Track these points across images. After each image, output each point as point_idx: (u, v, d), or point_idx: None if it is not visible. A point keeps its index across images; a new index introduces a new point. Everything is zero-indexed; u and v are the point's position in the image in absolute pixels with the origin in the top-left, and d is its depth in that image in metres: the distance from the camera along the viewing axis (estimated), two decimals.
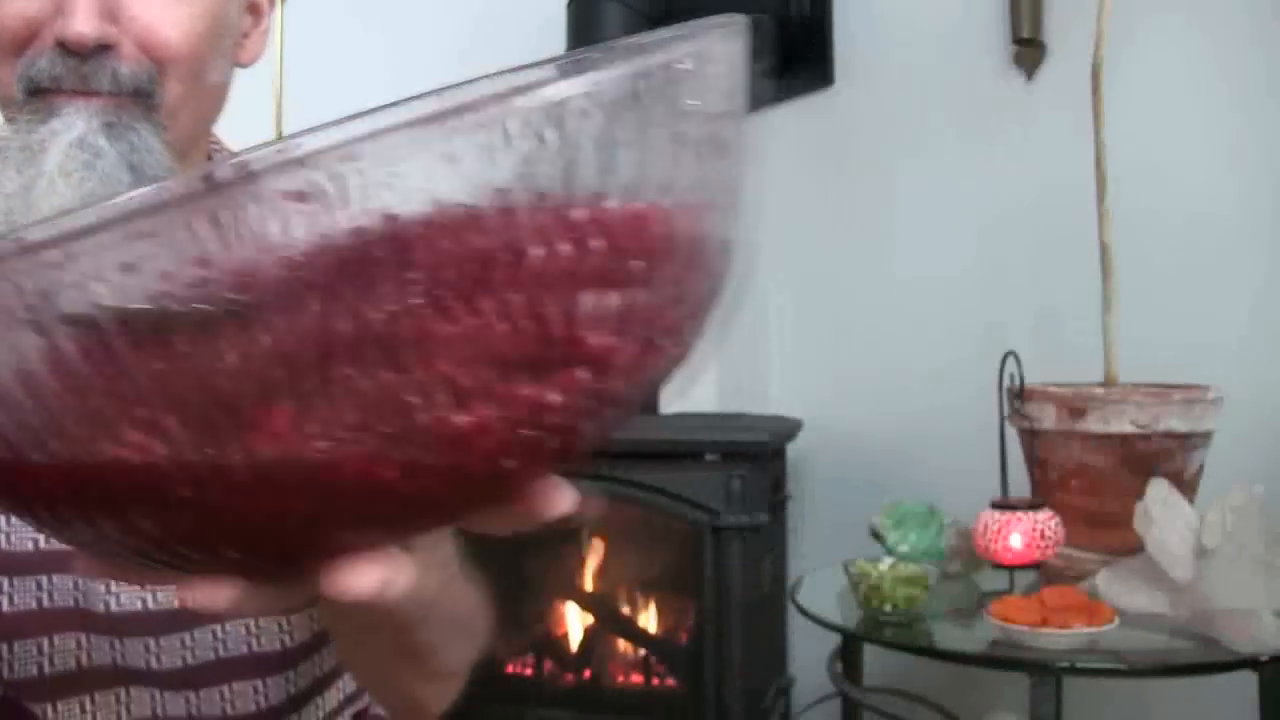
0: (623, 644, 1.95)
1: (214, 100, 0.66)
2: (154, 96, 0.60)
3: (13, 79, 0.58)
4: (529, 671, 1.94)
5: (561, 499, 0.32)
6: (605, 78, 0.27)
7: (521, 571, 2.02)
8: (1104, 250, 1.34)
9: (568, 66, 0.30)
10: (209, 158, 0.73)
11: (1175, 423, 1.24)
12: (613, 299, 0.27)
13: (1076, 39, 1.58)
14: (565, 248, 0.26)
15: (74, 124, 0.57)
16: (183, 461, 0.26)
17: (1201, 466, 1.28)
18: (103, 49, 0.58)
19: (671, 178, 0.29)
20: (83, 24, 0.56)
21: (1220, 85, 1.44)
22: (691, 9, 2.03)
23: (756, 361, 2.31)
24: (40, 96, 0.58)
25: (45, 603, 0.59)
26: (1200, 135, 1.46)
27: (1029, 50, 1.68)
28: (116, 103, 0.58)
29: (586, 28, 2.02)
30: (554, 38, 2.12)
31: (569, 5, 2.06)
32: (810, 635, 1.52)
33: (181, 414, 0.25)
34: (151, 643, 0.62)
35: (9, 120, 0.60)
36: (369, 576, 0.30)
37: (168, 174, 0.60)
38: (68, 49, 0.57)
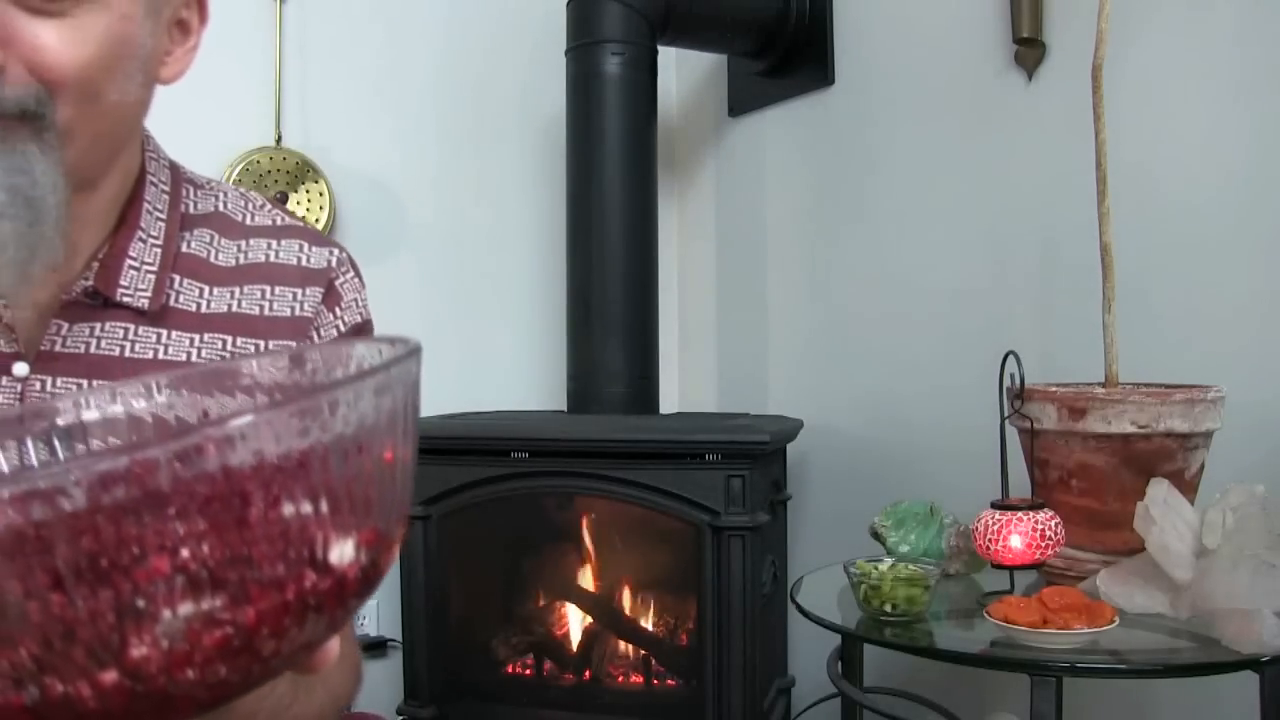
0: (623, 644, 1.94)
1: (118, 119, 0.66)
2: (44, 118, 0.60)
3: None
4: (529, 671, 1.94)
5: None
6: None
7: (521, 571, 2.02)
8: (1104, 250, 1.34)
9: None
10: (143, 170, 0.73)
11: (1175, 423, 1.24)
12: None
13: (1076, 39, 1.58)
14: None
15: None
16: None
17: (1202, 466, 1.28)
18: None
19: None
20: None
21: (1220, 85, 1.44)
22: (691, 10, 2.04)
23: (756, 361, 2.31)
24: None
25: None
26: (1200, 135, 1.46)
27: (1029, 50, 1.68)
28: (3, 125, 0.58)
29: (586, 28, 2.02)
30: (554, 38, 2.12)
31: (569, 5, 2.06)
32: (810, 635, 1.52)
33: None
34: None
35: None
36: None
37: (53, 194, 0.61)
38: None
